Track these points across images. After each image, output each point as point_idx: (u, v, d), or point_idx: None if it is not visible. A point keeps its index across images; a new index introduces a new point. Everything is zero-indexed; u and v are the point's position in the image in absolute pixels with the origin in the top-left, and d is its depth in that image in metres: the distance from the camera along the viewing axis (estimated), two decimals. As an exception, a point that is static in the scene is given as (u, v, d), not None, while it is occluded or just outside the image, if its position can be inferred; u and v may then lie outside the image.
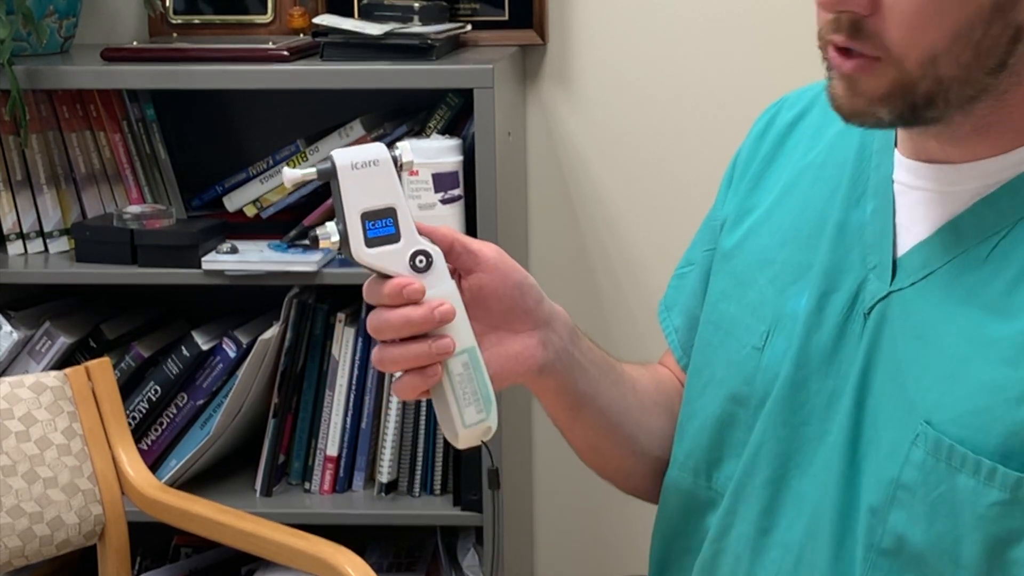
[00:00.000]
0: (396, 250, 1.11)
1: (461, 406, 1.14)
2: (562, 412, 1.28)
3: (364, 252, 1.11)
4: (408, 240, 1.12)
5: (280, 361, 2.20)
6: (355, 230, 1.10)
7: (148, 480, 1.89)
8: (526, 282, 1.20)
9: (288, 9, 2.38)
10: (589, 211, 2.44)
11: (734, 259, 1.28)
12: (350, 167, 1.10)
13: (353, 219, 1.10)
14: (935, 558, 1.08)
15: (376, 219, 1.11)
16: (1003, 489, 1.05)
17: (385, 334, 1.12)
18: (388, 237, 1.11)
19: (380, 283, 1.11)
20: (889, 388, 1.12)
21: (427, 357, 1.11)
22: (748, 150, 1.34)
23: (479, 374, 1.14)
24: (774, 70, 2.32)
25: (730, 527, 1.22)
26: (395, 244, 1.11)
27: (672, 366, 1.39)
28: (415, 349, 1.11)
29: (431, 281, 1.12)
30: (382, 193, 1.11)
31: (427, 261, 1.12)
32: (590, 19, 2.38)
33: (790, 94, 1.35)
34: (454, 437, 1.15)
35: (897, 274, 1.15)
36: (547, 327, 1.22)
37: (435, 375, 1.12)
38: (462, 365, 1.13)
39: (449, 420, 1.14)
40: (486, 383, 1.14)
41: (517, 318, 1.20)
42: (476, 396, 1.14)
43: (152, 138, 2.29)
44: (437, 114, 2.18)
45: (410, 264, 1.12)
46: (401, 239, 1.11)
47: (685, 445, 1.28)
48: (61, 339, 2.21)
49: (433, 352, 1.11)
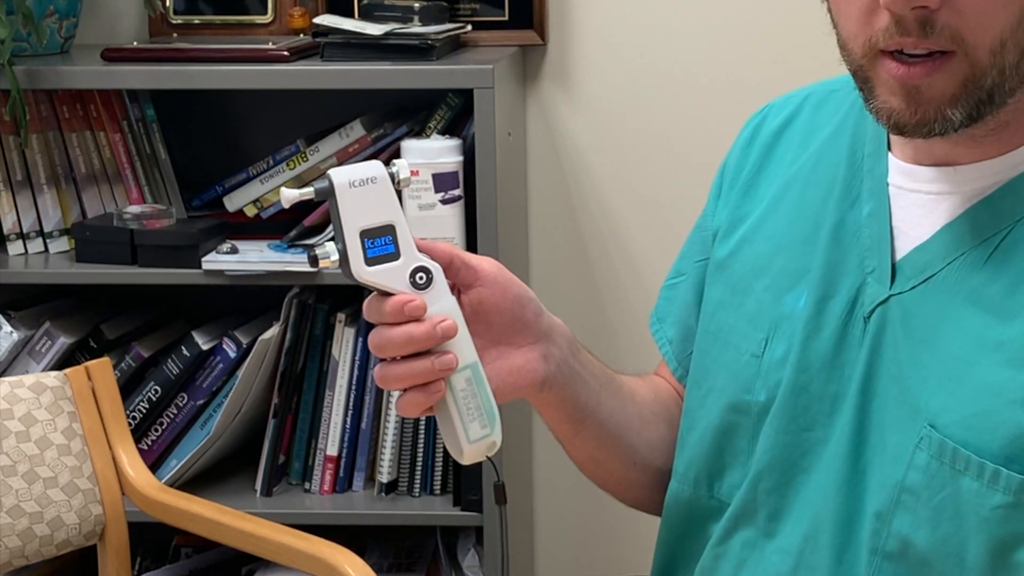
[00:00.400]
0: (396, 267, 1.11)
1: (465, 422, 1.13)
2: (563, 425, 1.27)
3: (364, 270, 1.10)
4: (408, 257, 1.11)
5: (280, 361, 2.20)
6: (355, 249, 1.09)
7: (148, 480, 1.89)
8: (526, 295, 1.20)
9: (288, 9, 2.37)
10: (589, 211, 2.44)
11: (729, 269, 1.28)
12: (348, 185, 1.09)
13: (352, 238, 1.09)
14: (940, 561, 1.08)
15: (375, 237, 1.10)
16: (1007, 492, 1.05)
17: (387, 352, 1.11)
18: (388, 255, 1.10)
19: (381, 301, 1.11)
20: (892, 392, 1.12)
21: (430, 374, 1.11)
22: (736, 159, 1.34)
23: (482, 389, 1.13)
24: (774, 70, 2.32)
25: (732, 532, 1.22)
26: (395, 262, 1.11)
27: (668, 377, 1.39)
28: (418, 366, 1.10)
29: (432, 297, 1.11)
30: (381, 211, 1.10)
31: (427, 278, 1.11)
32: (590, 19, 2.38)
33: (775, 101, 1.35)
34: (459, 453, 1.14)
35: (896, 277, 1.15)
36: (548, 340, 1.21)
37: (438, 391, 1.11)
38: (465, 381, 1.13)
39: (453, 436, 1.14)
40: (489, 398, 1.14)
41: (518, 332, 1.19)
42: (480, 411, 1.13)
43: (152, 138, 2.29)
44: (437, 114, 2.18)
45: (410, 281, 1.11)
46: (401, 256, 1.11)
47: (685, 456, 1.28)
48: (61, 339, 2.21)
49: (436, 368, 1.10)
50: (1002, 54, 1.04)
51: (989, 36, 1.04)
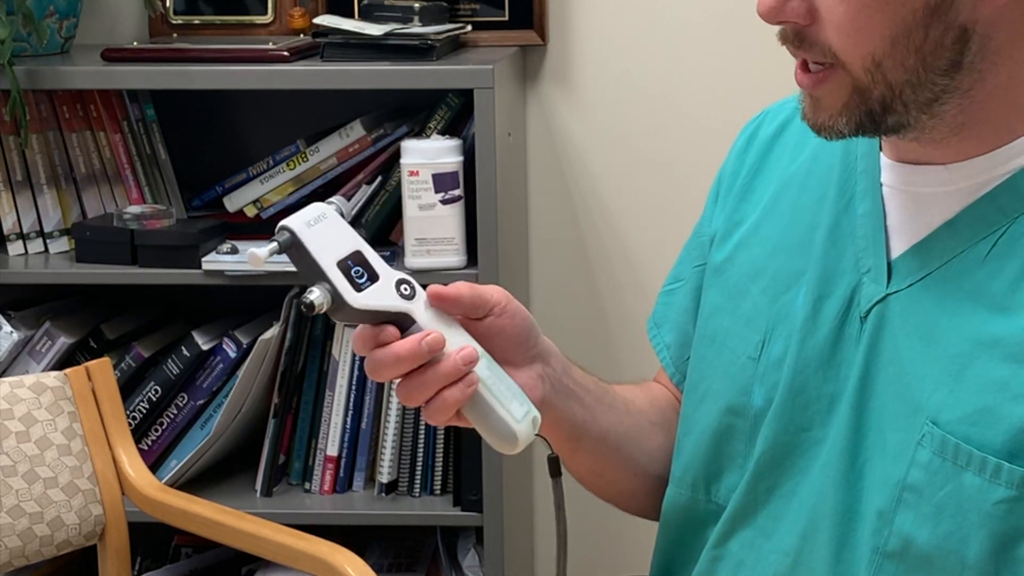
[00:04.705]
0: (382, 287, 1.10)
1: (506, 405, 1.12)
2: (562, 442, 1.27)
3: (358, 299, 1.08)
4: (385, 274, 1.10)
5: (280, 361, 2.20)
6: (340, 282, 1.08)
7: (148, 480, 1.89)
8: (530, 319, 1.20)
9: (288, 9, 2.38)
10: (589, 211, 2.44)
11: (725, 272, 1.28)
12: (306, 226, 1.08)
13: (334, 273, 1.08)
14: (942, 558, 1.08)
15: (352, 265, 1.09)
16: (1009, 486, 1.05)
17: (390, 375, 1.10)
18: (369, 278, 1.09)
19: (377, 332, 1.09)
20: (892, 390, 1.12)
21: (455, 372, 1.10)
22: (732, 164, 1.34)
23: (500, 370, 1.13)
24: (774, 70, 2.32)
25: (730, 534, 1.22)
26: (378, 282, 1.10)
27: (666, 383, 1.39)
28: (443, 369, 1.09)
29: (418, 307, 1.11)
30: (343, 241, 1.10)
31: (411, 287, 1.11)
32: (590, 19, 2.39)
33: (772, 106, 1.36)
34: (512, 438, 1.12)
35: (893, 276, 1.15)
36: (543, 361, 1.21)
37: (472, 383, 1.10)
38: (487, 368, 1.12)
39: (500, 423, 1.12)
40: (508, 377, 1.13)
41: (517, 354, 1.19)
42: (511, 391, 1.13)
43: (152, 138, 2.29)
44: (437, 114, 2.18)
45: (399, 294, 1.10)
46: (380, 275, 1.10)
47: (683, 460, 1.28)
48: (61, 339, 2.21)
49: (460, 363, 1.10)
50: (879, 72, 1.07)
51: (859, 55, 1.07)
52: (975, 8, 1.05)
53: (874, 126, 1.10)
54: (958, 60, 1.07)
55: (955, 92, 1.08)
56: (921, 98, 1.08)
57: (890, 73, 1.07)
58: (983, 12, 1.05)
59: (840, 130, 1.11)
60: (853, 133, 1.11)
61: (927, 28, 1.05)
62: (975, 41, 1.06)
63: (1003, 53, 1.07)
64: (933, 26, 1.05)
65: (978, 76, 1.08)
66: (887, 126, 1.10)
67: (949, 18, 1.05)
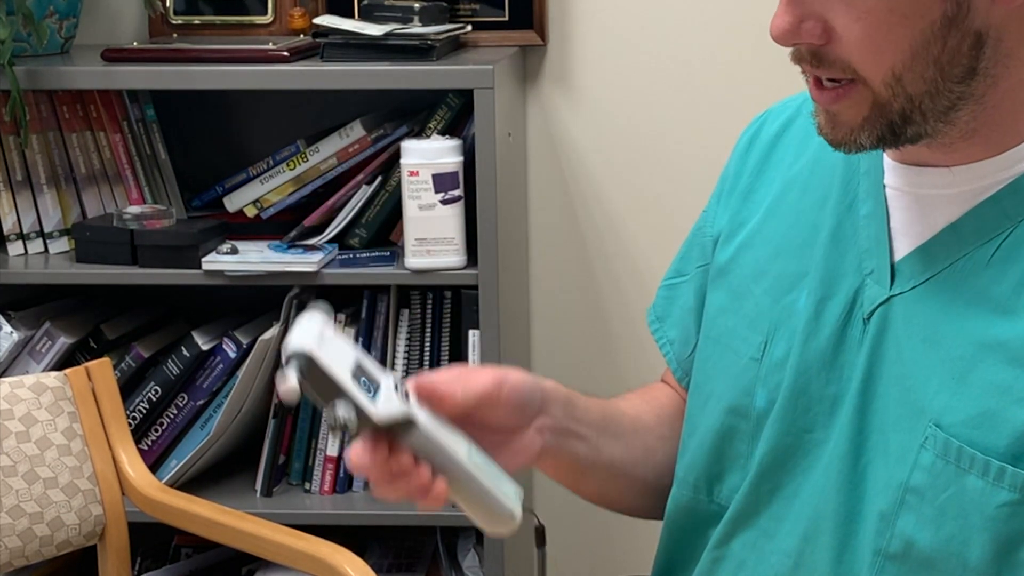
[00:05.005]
0: (388, 392, 1.06)
1: (499, 487, 1.11)
2: (565, 478, 1.28)
3: (379, 411, 1.04)
4: (384, 378, 1.07)
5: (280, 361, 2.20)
6: (360, 397, 1.03)
7: (148, 480, 1.89)
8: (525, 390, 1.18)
9: (288, 10, 2.37)
10: (589, 211, 2.44)
11: (729, 273, 1.28)
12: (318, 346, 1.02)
13: (353, 390, 1.03)
14: (943, 561, 1.08)
15: (359, 378, 1.04)
16: (1012, 489, 1.05)
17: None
18: (374, 387, 1.05)
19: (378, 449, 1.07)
20: (894, 392, 1.12)
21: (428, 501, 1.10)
22: (735, 165, 1.34)
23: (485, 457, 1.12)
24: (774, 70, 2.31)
25: (732, 535, 1.22)
26: (382, 389, 1.06)
27: (672, 383, 1.39)
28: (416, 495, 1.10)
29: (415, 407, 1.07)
30: (345, 353, 1.05)
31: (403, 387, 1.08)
32: (590, 19, 2.38)
33: (774, 106, 1.36)
34: (510, 517, 1.11)
35: (896, 278, 1.15)
36: (541, 415, 1.21)
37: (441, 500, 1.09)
38: (477, 454, 1.11)
39: (497, 505, 1.11)
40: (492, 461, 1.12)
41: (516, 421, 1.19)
42: (499, 472, 1.12)
43: (152, 138, 2.29)
44: (437, 114, 2.18)
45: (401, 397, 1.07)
46: (380, 382, 1.06)
47: (686, 460, 1.29)
48: (61, 339, 2.21)
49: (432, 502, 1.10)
50: (900, 85, 1.07)
51: (880, 71, 1.07)
52: (989, 12, 1.06)
53: (894, 138, 1.10)
54: (973, 66, 1.07)
55: (970, 98, 1.08)
56: (939, 107, 1.08)
57: (910, 85, 1.07)
58: (996, 15, 1.06)
59: (861, 144, 1.11)
60: (874, 146, 1.11)
61: (945, 38, 1.06)
62: (989, 45, 1.07)
63: (1013, 55, 1.08)
64: (951, 35, 1.06)
65: (991, 81, 1.08)
66: (906, 137, 1.10)
67: (965, 25, 1.05)
